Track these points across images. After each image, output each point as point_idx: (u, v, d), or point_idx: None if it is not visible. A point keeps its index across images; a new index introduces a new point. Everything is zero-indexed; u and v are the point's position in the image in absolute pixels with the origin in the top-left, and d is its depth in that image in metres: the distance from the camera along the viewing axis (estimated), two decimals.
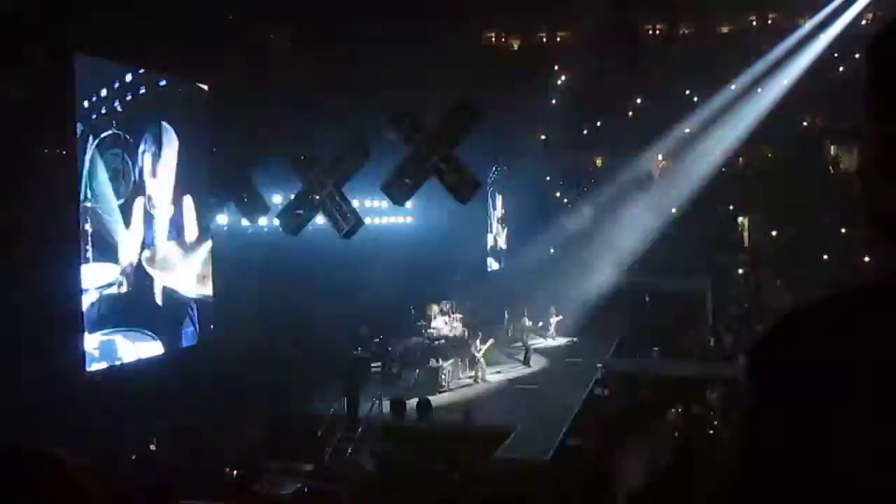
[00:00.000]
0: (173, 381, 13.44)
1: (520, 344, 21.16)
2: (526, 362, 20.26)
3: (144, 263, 14.47)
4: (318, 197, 18.14)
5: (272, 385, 15.93)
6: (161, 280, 14.91)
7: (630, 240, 26.85)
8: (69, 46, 12.01)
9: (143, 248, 14.48)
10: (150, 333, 14.39)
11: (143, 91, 14.06)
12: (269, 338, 17.37)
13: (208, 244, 16.68)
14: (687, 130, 29.48)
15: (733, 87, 28.17)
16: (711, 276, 26.97)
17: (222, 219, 17.36)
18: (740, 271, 28.29)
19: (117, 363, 13.30)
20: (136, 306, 14.17)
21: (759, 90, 27.79)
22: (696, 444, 12.67)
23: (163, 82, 14.70)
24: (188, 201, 15.93)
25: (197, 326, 15.90)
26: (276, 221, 17.55)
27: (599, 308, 26.52)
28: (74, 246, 12.36)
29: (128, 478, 10.04)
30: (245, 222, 17.52)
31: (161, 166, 15.01)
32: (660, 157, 32.41)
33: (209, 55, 14.22)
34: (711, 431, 14.87)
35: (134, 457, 11.74)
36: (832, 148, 30.57)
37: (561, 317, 24.03)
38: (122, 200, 13.78)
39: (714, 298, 25.99)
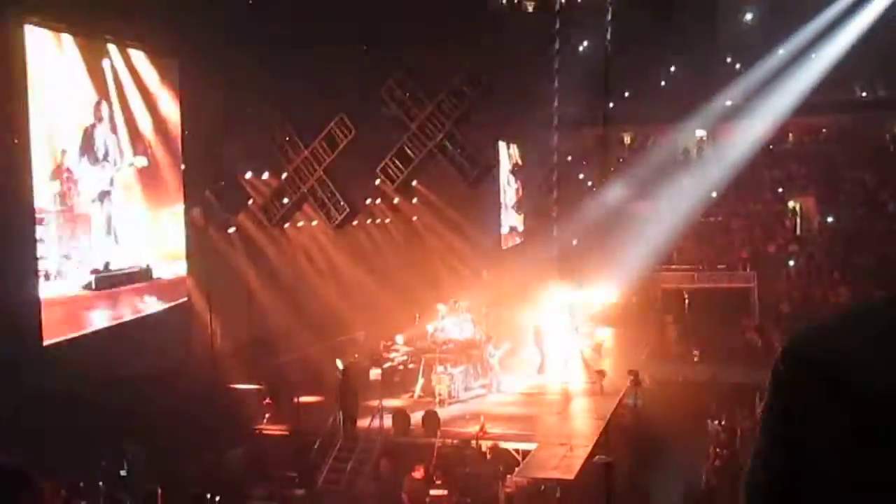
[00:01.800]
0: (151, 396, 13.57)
1: (536, 348, 21.15)
2: (544, 369, 20.30)
3: None
4: (305, 184, 18.23)
5: (251, 396, 16.01)
6: None
7: (664, 228, 26.82)
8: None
9: None
10: None
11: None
12: (250, 345, 17.47)
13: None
14: (729, 102, 29.33)
15: (781, 52, 27.95)
16: (758, 269, 26.99)
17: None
18: (791, 263, 28.23)
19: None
20: None
21: (813, 56, 27.52)
22: (741, 462, 12.67)
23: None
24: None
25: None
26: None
27: (630, 306, 26.75)
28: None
29: None
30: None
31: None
32: (698, 132, 32.34)
33: (174, 25, 14.27)
34: None
35: (102, 483, 11.83)
36: None
37: (585, 317, 24.02)
38: None
39: (761, 294, 25.96)
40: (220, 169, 17.45)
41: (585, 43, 27.88)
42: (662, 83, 32.36)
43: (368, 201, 23.25)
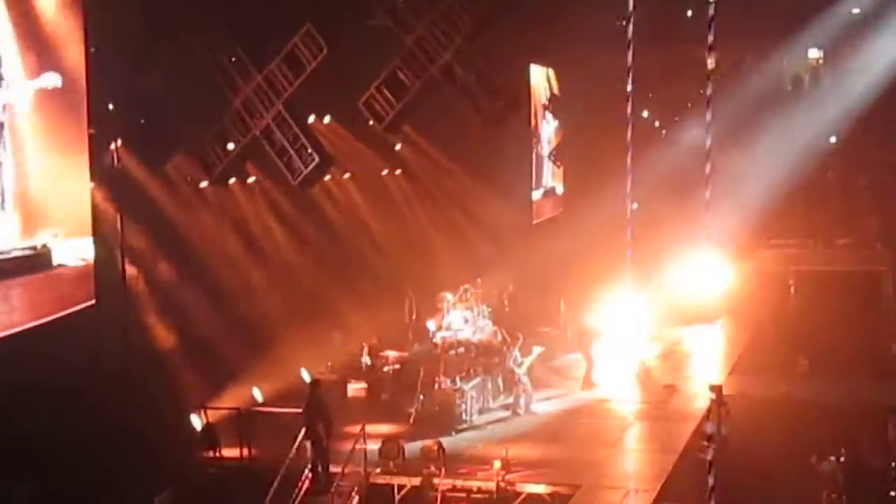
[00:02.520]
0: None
1: (579, 354, 21.18)
2: (590, 383, 20.31)
3: None
4: (258, 123, 18.12)
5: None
6: None
7: (762, 187, 26.67)
8: None
9: None
10: None
11: None
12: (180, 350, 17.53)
13: None
14: (856, 10, 29.01)
15: None
16: (893, 245, 27.04)
17: None
18: None
19: None
20: None
21: None
22: None
23: None
24: None
25: None
26: None
27: (713, 296, 26.62)
28: None
29: None
30: None
31: None
32: (812, 53, 32.01)
33: None
34: None
35: None
36: None
37: (649, 311, 24.01)
38: None
39: None
40: (139, 103, 17.37)
41: None
42: None
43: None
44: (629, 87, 22.00)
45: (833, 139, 29.37)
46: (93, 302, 16.10)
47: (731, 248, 26.32)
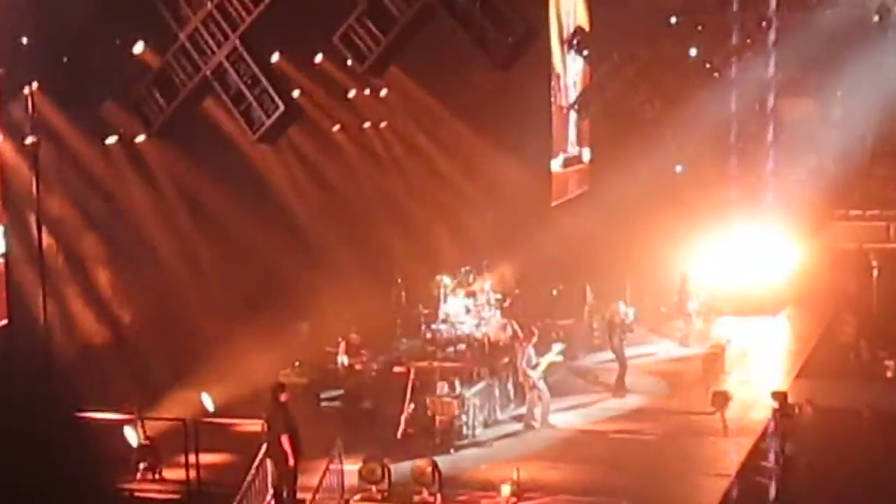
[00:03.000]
0: None
1: (611, 355, 21.19)
2: (623, 389, 20.43)
3: None
4: (209, 62, 18.05)
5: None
6: None
7: (839, 143, 26.65)
8: None
9: None
10: None
11: None
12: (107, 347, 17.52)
13: None
14: None
15: None
16: None
17: None
18: None
19: None
20: None
21: None
22: None
23: None
24: None
25: None
26: None
27: (776, 280, 26.72)
28: None
29: None
30: None
31: None
32: None
33: None
34: None
35: None
36: None
37: (702, 298, 24.04)
38: None
39: None
40: (60, 36, 17.33)
41: None
42: None
43: (320, 94, 23.11)
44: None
45: None
46: None
47: (798, 221, 26.35)
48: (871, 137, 27.47)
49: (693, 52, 30.17)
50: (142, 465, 16.31)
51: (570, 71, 29.65)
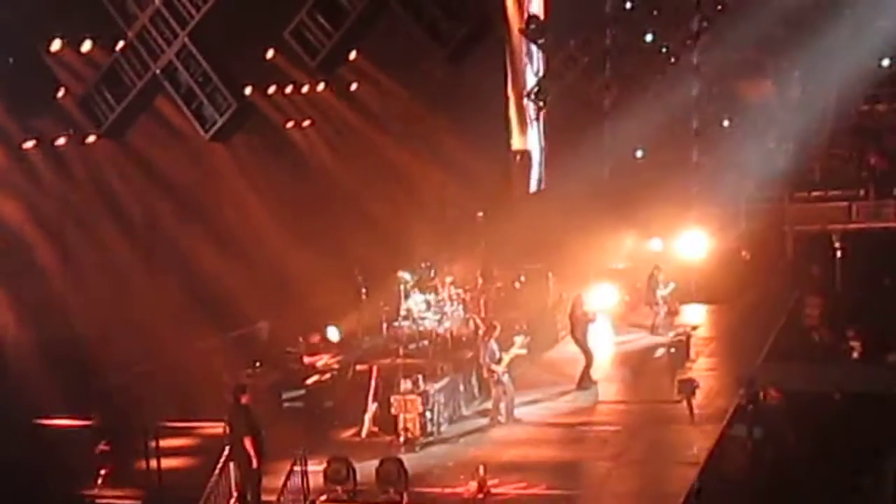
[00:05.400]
0: None
1: (576, 347, 21.18)
2: (588, 381, 20.53)
3: None
4: (157, 60, 17.98)
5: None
6: None
7: (796, 124, 26.83)
8: None
9: None
10: None
11: None
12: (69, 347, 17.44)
13: None
14: None
15: None
16: None
17: None
18: None
19: None
20: None
21: None
22: None
23: None
24: None
25: None
26: None
27: (742, 266, 26.75)
28: None
29: None
30: None
31: None
32: None
33: None
34: None
35: None
36: None
37: (672, 286, 24.10)
38: None
39: None
40: (3, 34, 17.22)
41: None
42: None
43: (272, 90, 23.05)
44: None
45: (886, 62, 29.36)
46: None
47: (759, 202, 26.47)
48: (831, 117, 27.62)
49: (649, 37, 30.35)
50: (102, 472, 16.18)
51: (528, 60, 29.79)
